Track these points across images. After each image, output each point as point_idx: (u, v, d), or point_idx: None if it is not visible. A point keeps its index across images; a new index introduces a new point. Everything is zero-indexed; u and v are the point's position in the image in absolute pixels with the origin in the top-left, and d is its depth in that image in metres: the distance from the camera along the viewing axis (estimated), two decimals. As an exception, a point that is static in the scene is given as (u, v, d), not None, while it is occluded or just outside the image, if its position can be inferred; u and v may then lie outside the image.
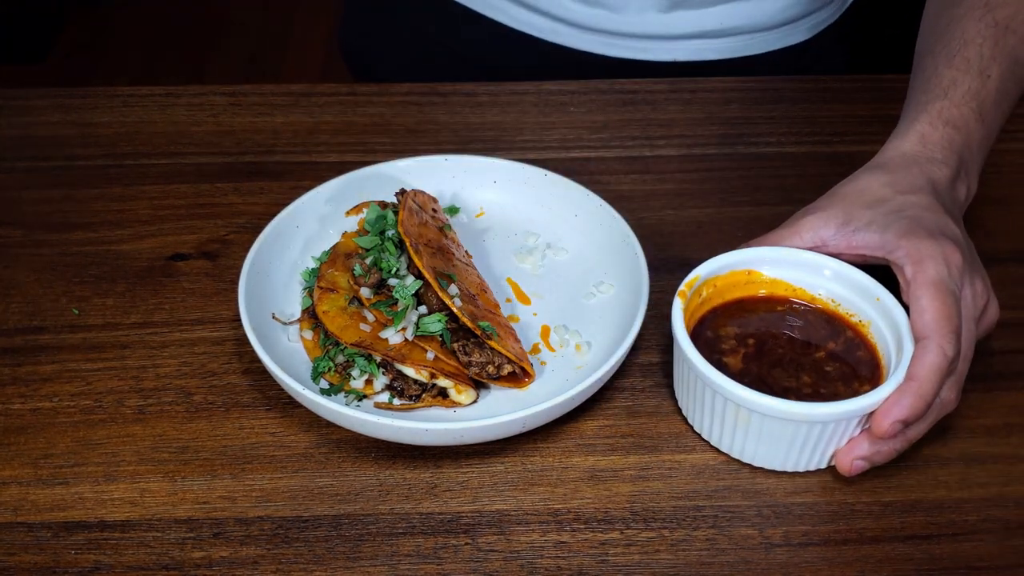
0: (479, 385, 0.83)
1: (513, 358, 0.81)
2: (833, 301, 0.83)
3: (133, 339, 0.88)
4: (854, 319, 0.82)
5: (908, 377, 0.74)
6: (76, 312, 0.91)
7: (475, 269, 0.90)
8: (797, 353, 0.81)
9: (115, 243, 0.97)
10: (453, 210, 0.96)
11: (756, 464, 0.79)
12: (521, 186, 0.97)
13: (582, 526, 0.76)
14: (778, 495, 0.78)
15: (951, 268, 0.77)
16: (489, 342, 0.81)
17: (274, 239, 0.89)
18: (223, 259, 0.95)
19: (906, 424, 0.74)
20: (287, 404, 0.83)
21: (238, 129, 1.09)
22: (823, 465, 0.78)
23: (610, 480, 0.79)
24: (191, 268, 0.95)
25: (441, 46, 1.28)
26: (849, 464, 0.76)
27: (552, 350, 0.86)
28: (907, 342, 0.76)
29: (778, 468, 0.78)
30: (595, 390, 0.81)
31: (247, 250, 0.87)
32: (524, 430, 0.79)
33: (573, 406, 0.80)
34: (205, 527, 0.76)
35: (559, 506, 0.77)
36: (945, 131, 0.86)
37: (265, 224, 0.90)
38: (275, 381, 0.80)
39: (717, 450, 0.80)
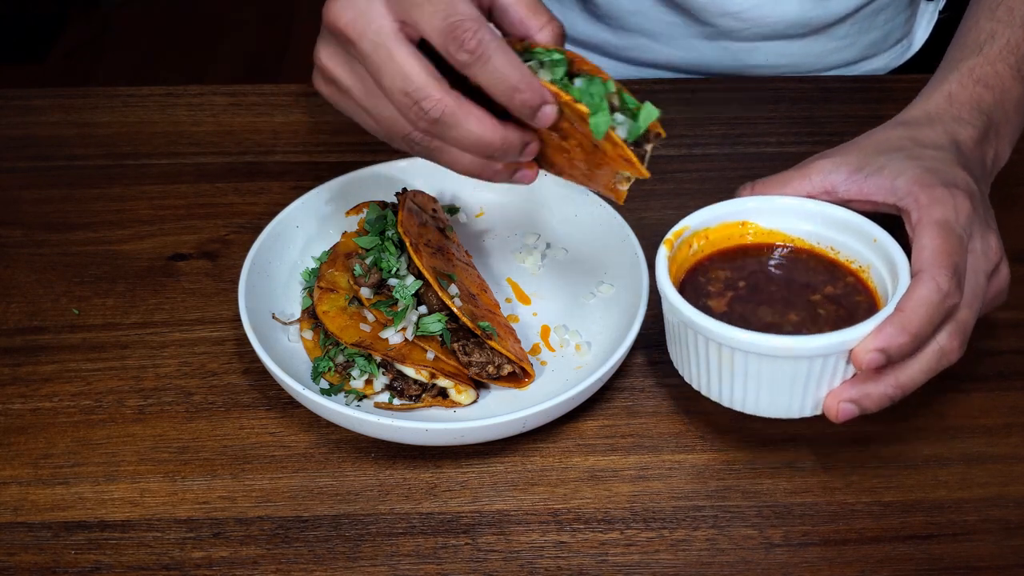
0: (479, 385, 0.83)
1: (513, 358, 0.81)
2: (832, 248, 0.80)
3: (133, 339, 0.89)
4: (854, 265, 0.79)
5: (896, 309, 0.70)
6: (76, 312, 0.91)
7: (475, 269, 0.90)
8: (791, 293, 0.78)
9: (115, 243, 0.97)
10: (453, 210, 0.96)
11: (747, 411, 0.76)
12: (521, 186, 0.97)
13: (582, 526, 0.76)
14: (778, 495, 0.78)
15: (959, 215, 0.73)
16: (489, 342, 0.81)
17: (274, 239, 0.89)
18: (223, 259, 0.95)
19: (887, 354, 0.69)
20: (287, 404, 0.83)
21: (238, 129, 1.09)
22: (818, 411, 0.75)
23: (610, 480, 0.79)
24: (191, 268, 0.95)
25: None
26: (836, 407, 0.72)
27: (552, 350, 0.86)
28: (903, 279, 0.73)
29: (766, 414, 0.75)
30: (595, 390, 0.81)
31: (247, 250, 0.87)
32: (524, 430, 0.79)
33: (573, 406, 0.80)
34: (205, 527, 0.76)
35: (559, 506, 0.77)
36: (975, 90, 0.81)
37: (265, 224, 0.90)
38: (275, 381, 0.80)
39: (717, 450, 0.80)
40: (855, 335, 0.70)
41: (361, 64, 0.68)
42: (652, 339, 0.88)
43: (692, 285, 0.79)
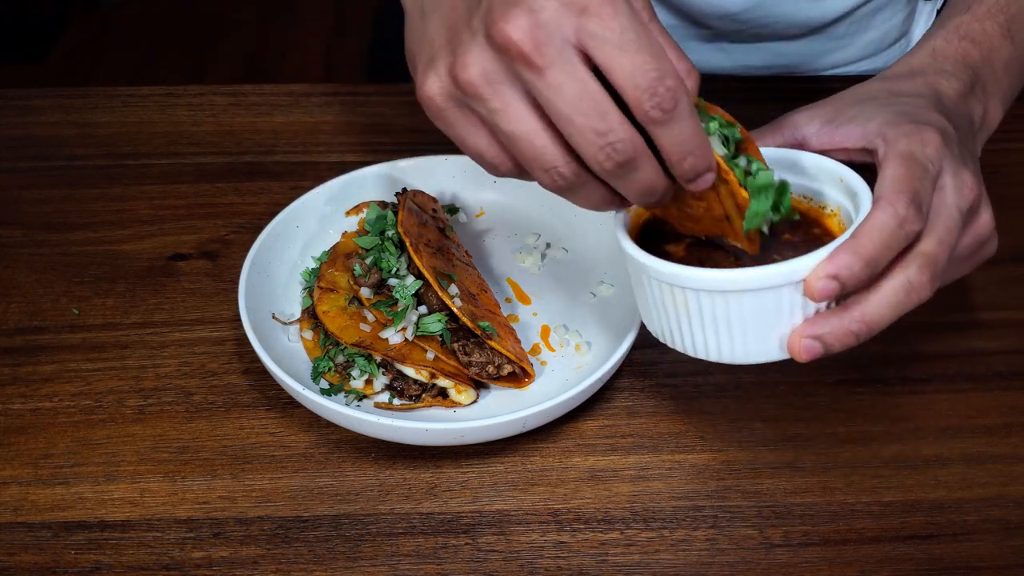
0: (479, 385, 0.83)
1: (513, 358, 0.81)
2: (805, 197, 0.77)
3: (133, 339, 0.89)
4: (827, 211, 0.76)
5: (851, 236, 0.67)
6: (76, 312, 0.91)
7: (475, 269, 0.90)
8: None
9: (115, 243, 0.97)
10: (453, 210, 0.96)
11: (711, 358, 0.72)
12: (521, 186, 0.97)
13: (582, 526, 0.76)
14: (778, 495, 0.78)
15: (926, 148, 0.70)
16: (489, 342, 0.81)
17: (274, 239, 0.89)
18: (223, 259, 0.95)
19: (839, 281, 0.65)
20: (287, 404, 0.83)
21: (238, 129, 1.09)
22: (785, 354, 0.71)
23: (610, 480, 0.79)
24: (191, 268, 0.95)
25: None
26: (799, 344, 0.68)
27: (552, 350, 0.86)
28: (863, 210, 0.70)
29: (729, 360, 0.72)
30: (595, 390, 0.81)
31: (247, 250, 0.87)
32: (524, 430, 0.79)
33: (573, 406, 0.80)
34: (205, 527, 0.76)
35: (559, 506, 0.77)
36: (960, 45, 0.79)
37: (265, 224, 0.90)
38: (275, 381, 0.80)
39: (717, 450, 0.80)
40: (805, 264, 0.66)
41: (531, 88, 0.61)
42: (652, 339, 0.88)
43: (653, 232, 0.76)
